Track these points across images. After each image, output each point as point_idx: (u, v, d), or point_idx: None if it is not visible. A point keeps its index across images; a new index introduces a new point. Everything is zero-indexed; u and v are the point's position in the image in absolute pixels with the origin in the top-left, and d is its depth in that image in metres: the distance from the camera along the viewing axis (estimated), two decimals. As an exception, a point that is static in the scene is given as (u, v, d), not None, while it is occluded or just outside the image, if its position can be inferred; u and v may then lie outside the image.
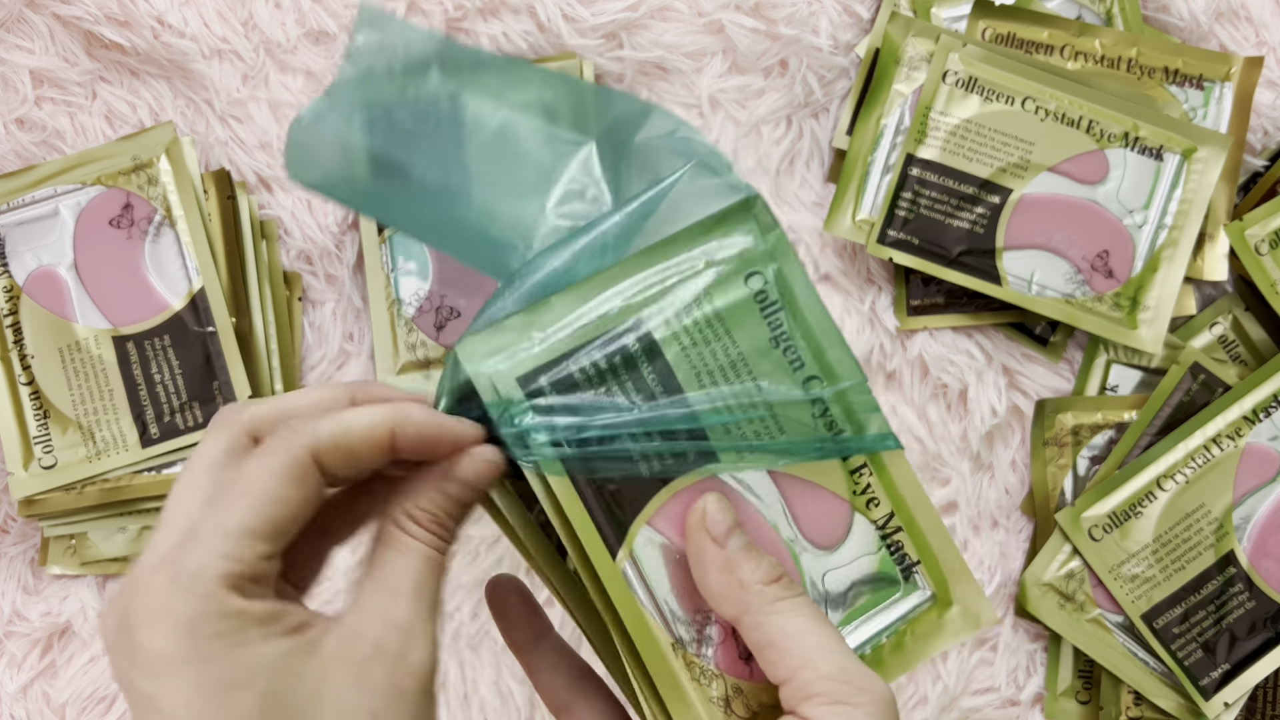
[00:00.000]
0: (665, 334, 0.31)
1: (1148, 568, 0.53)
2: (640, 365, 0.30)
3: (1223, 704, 0.53)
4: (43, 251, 0.55)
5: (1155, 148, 0.54)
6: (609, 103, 0.35)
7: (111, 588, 0.57)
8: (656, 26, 0.56)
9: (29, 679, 0.57)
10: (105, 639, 0.26)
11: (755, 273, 0.32)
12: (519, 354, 0.30)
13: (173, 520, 0.26)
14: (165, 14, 0.56)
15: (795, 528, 0.31)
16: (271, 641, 0.25)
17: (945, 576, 0.33)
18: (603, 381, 0.30)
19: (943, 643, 0.32)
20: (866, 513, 0.32)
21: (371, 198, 0.34)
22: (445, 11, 0.55)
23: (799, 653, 0.28)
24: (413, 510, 0.28)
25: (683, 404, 0.30)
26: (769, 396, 0.31)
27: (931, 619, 0.32)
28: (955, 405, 0.57)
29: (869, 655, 0.32)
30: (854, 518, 0.32)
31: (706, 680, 0.30)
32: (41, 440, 0.54)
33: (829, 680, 0.28)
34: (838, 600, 0.32)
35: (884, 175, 0.56)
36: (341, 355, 0.58)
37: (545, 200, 0.33)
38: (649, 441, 0.30)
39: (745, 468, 0.31)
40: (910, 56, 0.56)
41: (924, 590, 0.33)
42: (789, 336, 0.32)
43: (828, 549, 0.32)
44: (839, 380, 0.32)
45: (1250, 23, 0.57)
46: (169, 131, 0.56)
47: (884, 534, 0.32)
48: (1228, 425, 0.53)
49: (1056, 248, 0.55)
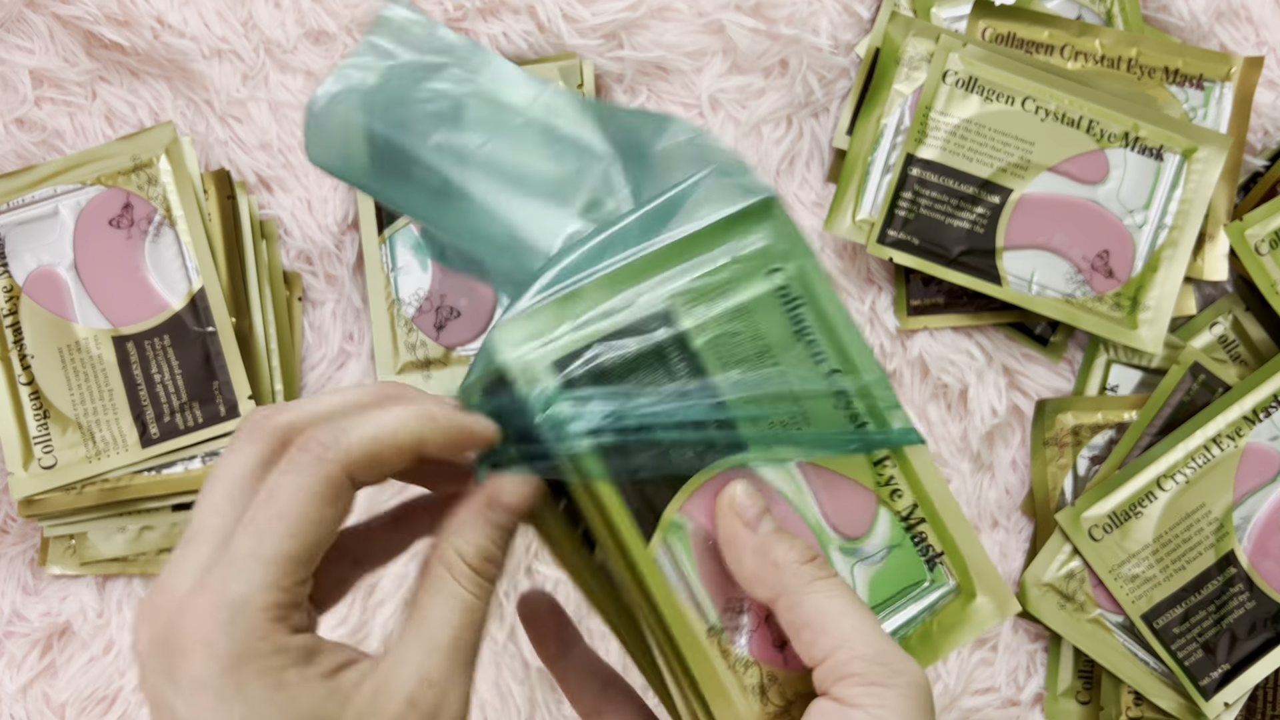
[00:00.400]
0: (693, 325, 0.31)
1: (1148, 568, 0.53)
2: (670, 355, 0.31)
3: (1223, 704, 0.53)
4: (42, 251, 0.55)
5: (1155, 148, 0.54)
6: (627, 117, 0.35)
7: (122, 589, 0.57)
8: (656, 26, 0.56)
9: (29, 679, 0.57)
10: (138, 651, 0.26)
11: (777, 269, 0.32)
12: (551, 342, 0.30)
13: (205, 535, 0.26)
14: (165, 14, 0.56)
15: (823, 517, 0.32)
16: (310, 685, 0.25)
17: (968, 567, 0.33)
18: (633, 371, 0.30)
19: (969, 633, 0.33)
20: (890, 504, 0.33)
21: (386, 188, 0.34)
22: (445, 11, 0.55)
23: (835, 633, 0.28)
24: (461, 546, 0.28)
25: (712, 393, 0.31)
26: (795, 386, 0.31)
27: (956, 610, 0.33)
28: (955, 405, 0.57)
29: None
30: (879, 509, 0.32)
31: (742, 668, 0.30)
32: (41, 440, 0.54)
33: (864, 661, 0.27)
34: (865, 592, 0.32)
35: (884, 175, 0.56)
36: (341, 355, 0.58)
37: (568, 208, 0.33)
38: (680, 431, 0.30)
39: (774, 458, 0.31)
40: (910, 56, 0.56)
41: (948, 581, 0.33)
42: (811, 331, 0.32)
43: (855, 539, 0.32)
44: (861, 375, 0.32)
45: (1250, 23, 0.57)
46: (169, 131, 0.56)
47: (908, 525, 0.33)
48: (1228, 425, 0.53)
49: (1057, 248, 0.55)
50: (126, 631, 0.57)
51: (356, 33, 0.56)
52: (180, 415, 0.54)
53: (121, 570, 0.57)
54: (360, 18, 0.56)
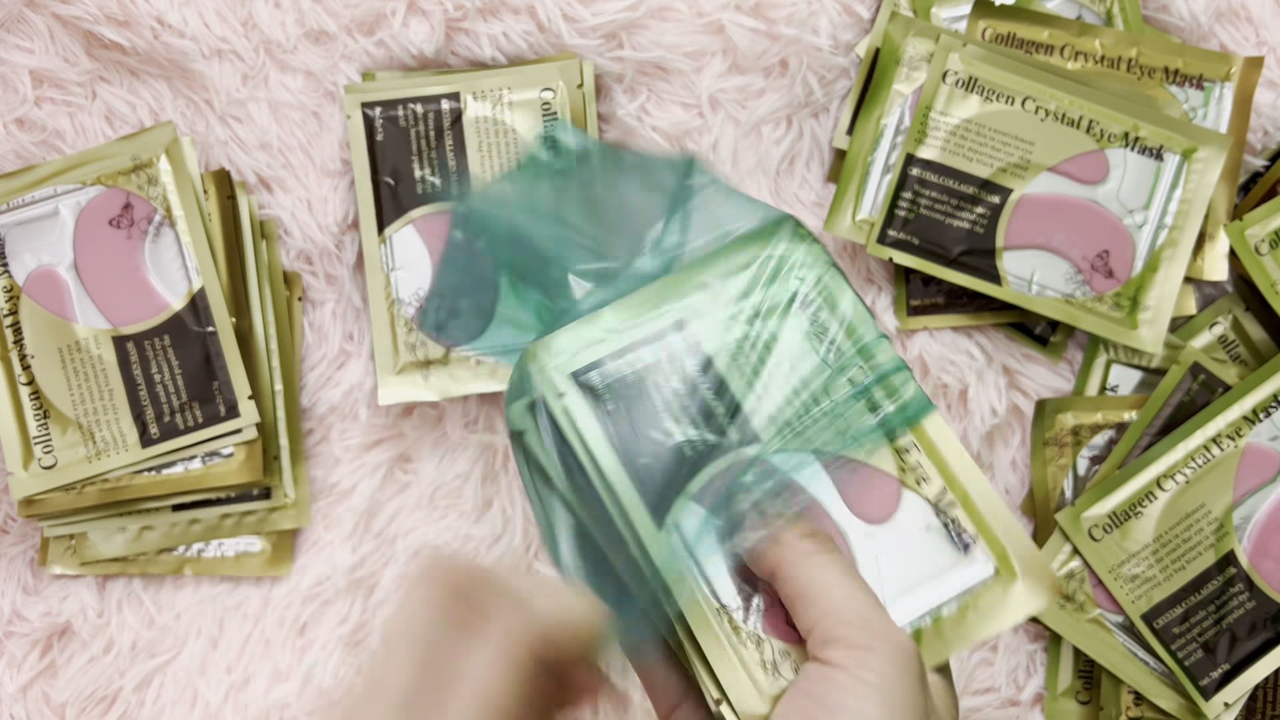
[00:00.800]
0: (712, 334, 0.33)
1: (1148, 568, 0.53)
2: (686, 361, 0.32)
3: (1223, 704, 0.53)
4: (42, 251, 0.55)
5: (1155, 148, 0.55)
6: (655, 164, 0.37)
7: (122, 589, 0.57)
8: (656, 26, 0.56)
9: (29, 679, 0.57)
10: None
11: (794, 276, 0.34)
12: (572, 353, 0.32)
13: (392, 692, 0.25)
14: (165, 14, 0.56)
15: (844, 505, 0.33)
16: None
17: (1005, 549, 0.33)
18: (649, 376, 0.32)
19: (1009, 618, 0.33)
20: (918, 490, 0.33)
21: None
22: (445, 12, 0.55)
23: (824, 602, 0.29)
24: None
25: (729, 398, 0.32)
26: (812, 389, 0.33)
27: (997, 593, 0.33)
28: (955, 405, 0.57)
29: (929, 627, 0.32)
30: (903, 494, 0.33)
31: (754, 644, 0.31)
32: (41, 440, 0.54)
33: (849, 626, 0.28)
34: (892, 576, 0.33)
35: (884, 175, 0.56)
36: (341, 355, 0.58)
37: (640, 245, 0.36)
38: (694, 429, 0.32)
39: (790, 449, 0.32)
40: (910, 56, 0.56)
41: (985, 564, 0.33)
42: (829, 333, 0.33)
43: (878, 523, 0.33)
44: (879, 366, 0.33)
45: (1250, 23, 0.57)
46: (169, 131, 0.56)
47: (937, 509, 0.33)
48: (1228, 425, 0.53)
49: (1057, 248, 0.55)
50: (126, 631, 0.57)
51: (356, 33, 0.56)
52: (180, 415, 0.54)
53: (122, 570, 0.57)
54: (360, 18, 0.56)
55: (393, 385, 0.55)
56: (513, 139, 0.55)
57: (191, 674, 0.57)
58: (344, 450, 0.58)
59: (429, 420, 0.58)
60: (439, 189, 0.55)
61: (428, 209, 0.55)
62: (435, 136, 0.55)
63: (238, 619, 0.57)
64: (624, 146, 0.44)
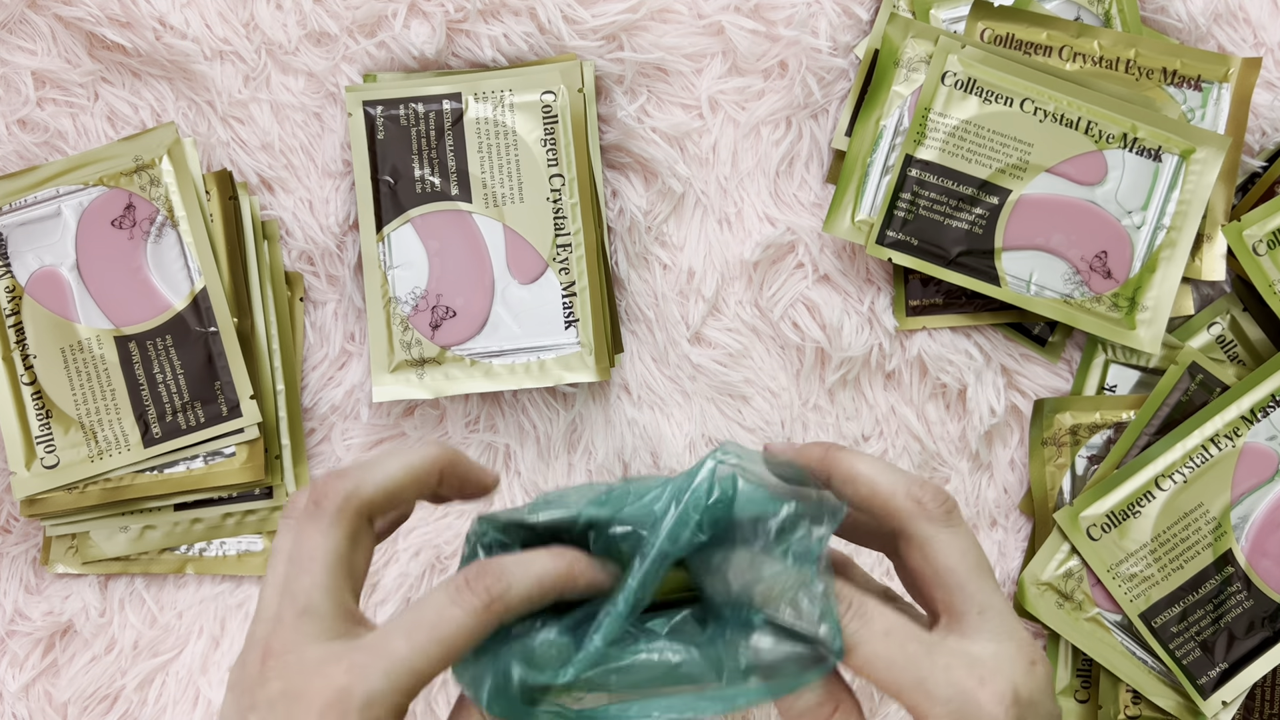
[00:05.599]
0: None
1: (1146, 567, 0.54)
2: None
3: (1220, 703, 0.53)
4: (45, 252, 0.55)
5: (1153, 148, 0.55)
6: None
7: (124, 588, 0.57)
8: (656, 28, 0.57)
9: (31, 678, 0.57)
10: (242, 682, 0.29)
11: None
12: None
13: (273, 587, 0.30)
14: (167, 15, 0.56)
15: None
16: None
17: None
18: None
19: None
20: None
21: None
22: (446, 13, 0.56)
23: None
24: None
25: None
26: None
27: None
28: (954, 405, 0.58)
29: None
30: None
31: None
32: (44, 440, 0.54)
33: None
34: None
35: (883, 176, 0.56)
36: (343, 355, 0.58)
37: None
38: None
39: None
40: (909, 58, 0.56)
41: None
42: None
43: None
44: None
45: (1248, 24, 0.57)
46: (171, 132, 0.56)
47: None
48: (1226, 425, 0.54)
49: (1055, 248, 0.55)
50: (128, 630, 0.57)
51: (358, 34, 0.57)
52: (182, 415, 0.55)
53: (123, 569, 0.57)
54: (361, 19, 0.56)
55: (386, 383, 0.55)
56: (513, 140, 0.56)
57: (193, 673, 0.57)
58: (345, 450, 0.58)
59: (430, 420, 0.58)
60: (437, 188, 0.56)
61: (426, 208, 0.56)
62: (436, 136, 0.55)
63: (239, 618, 0.57)
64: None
